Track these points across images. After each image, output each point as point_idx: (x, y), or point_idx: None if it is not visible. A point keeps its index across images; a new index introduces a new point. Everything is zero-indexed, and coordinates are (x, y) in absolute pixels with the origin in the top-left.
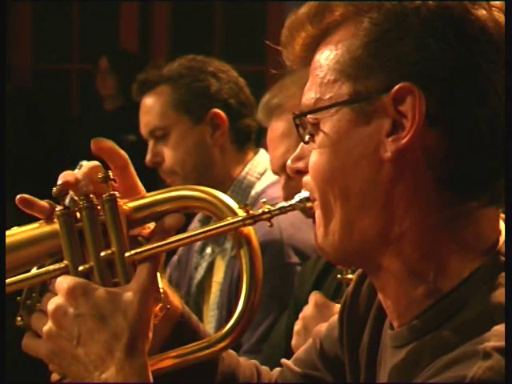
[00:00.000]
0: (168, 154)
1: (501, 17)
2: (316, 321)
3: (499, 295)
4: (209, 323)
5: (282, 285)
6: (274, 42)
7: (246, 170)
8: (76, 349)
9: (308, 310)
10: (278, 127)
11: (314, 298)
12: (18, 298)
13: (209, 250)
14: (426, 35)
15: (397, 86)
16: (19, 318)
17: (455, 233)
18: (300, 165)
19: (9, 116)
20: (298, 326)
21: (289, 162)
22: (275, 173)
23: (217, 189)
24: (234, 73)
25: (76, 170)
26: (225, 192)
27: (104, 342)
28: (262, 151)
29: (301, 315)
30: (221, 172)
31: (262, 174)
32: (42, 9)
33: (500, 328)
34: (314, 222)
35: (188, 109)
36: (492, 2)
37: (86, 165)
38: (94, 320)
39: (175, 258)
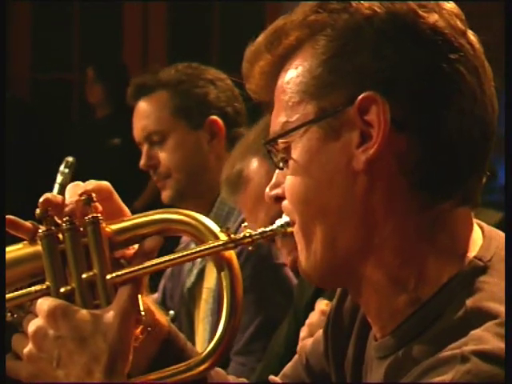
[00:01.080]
0: (165, 159)
1: (452, 18)
2: (322, 328)
3: (477, 300)
4: (204, 330)
5: (271, 286)
6: None
7: None
8: (56, 371)
9: (314, 317)
10: (247, 198)
11: (320, 304)
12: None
13: None
14: (382, 43)
15: (360, 97)
16: (9, 314)
17: (432, 237)
18: (278, 191)
19: (6, 126)
20: (303, 332)
21: (267, 190)
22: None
23: (208, 194)
24: (230, 82)
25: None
26: (215, 197)
27: (84, 363)
28: None
29: (307, 322)
30: (214, 178)
31: None
32: (41, 17)
33: (477, 332)
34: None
35: (186, 115)
36: (442, 5)
37: (68, 187)
38: (73, 342)
39: (168, 269)
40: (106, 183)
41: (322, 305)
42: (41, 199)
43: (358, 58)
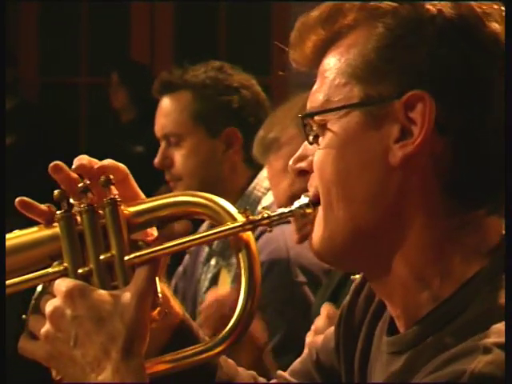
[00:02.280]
0: (179, 162)
1: None
2: None
3: (499, 296)
4: None
5: (289, 303)
6: (278, 41)
7: (253, 184)
8: (73, 350)
9: (320, 322)
10: (277, 163)
11: (326, 309)
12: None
13: (213, 262)
14: (441, 44)
15: (409, 93)
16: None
17: (461, 239)
18: (302, 165)
19: (15, 130)
20: (309, 337)
21: (291, 162)
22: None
23: None
24: (257, 88)
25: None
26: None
27: (101, 343)
28: None
29: (313, 327)
30: (228, 187)
31: (268, 189)
32: (49, 20)
33: (499, 326)
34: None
35: (206, 121)
36: (504, 15)
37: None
38: (91, 322)
39: (181, 268)
40: (122, 165)
41: (327, 309)
42: (75, 164)
43: (413, 52)
